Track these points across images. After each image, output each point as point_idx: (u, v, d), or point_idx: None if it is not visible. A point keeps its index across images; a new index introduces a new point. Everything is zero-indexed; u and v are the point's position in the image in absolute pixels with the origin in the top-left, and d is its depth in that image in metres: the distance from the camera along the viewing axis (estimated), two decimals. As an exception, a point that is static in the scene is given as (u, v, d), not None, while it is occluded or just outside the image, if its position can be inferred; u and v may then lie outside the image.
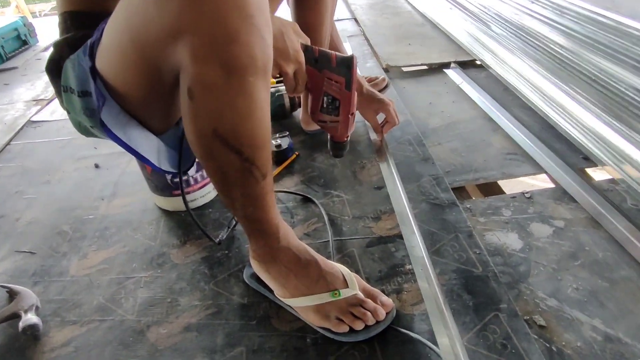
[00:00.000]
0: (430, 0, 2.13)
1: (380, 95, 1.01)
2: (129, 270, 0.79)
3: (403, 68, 1.49)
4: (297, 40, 0.70)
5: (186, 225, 0.88)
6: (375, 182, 0.94)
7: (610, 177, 0.90)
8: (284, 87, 1.20)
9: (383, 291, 0.70)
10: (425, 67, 1.49)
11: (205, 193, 0.91)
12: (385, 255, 0.77)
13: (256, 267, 0.68)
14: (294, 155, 1.04)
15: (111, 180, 1.05)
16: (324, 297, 0.62)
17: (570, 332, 0.63)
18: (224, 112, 0.46)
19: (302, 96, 1.11)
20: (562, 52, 1.33)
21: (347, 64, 0.73)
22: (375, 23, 1.89)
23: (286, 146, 1.02)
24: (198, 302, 0.71)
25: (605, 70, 1.19)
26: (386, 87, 1.33)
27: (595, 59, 1.26)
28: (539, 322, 0.64)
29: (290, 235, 0.65)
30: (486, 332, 0.62)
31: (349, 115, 0.79)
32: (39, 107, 1.49)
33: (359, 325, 0.61)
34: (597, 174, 0.92)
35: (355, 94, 0.77)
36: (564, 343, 0.61)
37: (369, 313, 0.62)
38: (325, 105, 0.78)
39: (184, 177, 0.85)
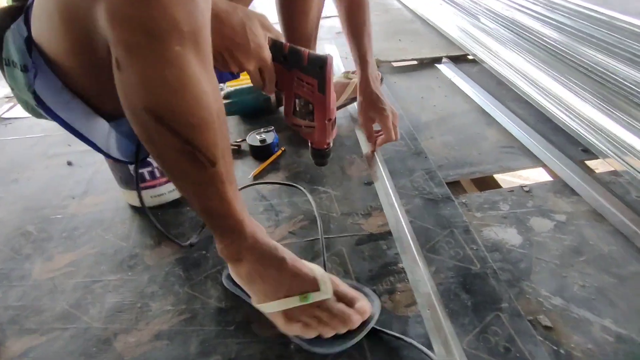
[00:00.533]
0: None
1: (385, 103, 0.87)
2: (97, 273, 0.72)
3: (394, 63, 1.45)
4: (264, 34, 0.63)
5: (161, 224, 0.81)
6: (365, 177, 0.89)
7: (612, 169, 0.86)
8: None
9: (374, 292, 0.64)
10: (416, 62, 1.45)
11: (173, 187, 0.84)
12: (376, 254, 0.71)
13: (229, 268, 0.62)
14: (280, 151, 0.98)
15: (84, 178, 0.98)
16: (292, 302, 0.56)
17: (579, 333, 0.57)
18: (152, 85, 0.40)
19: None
20: (555, 44, 1.29)
21: (320, 63, 0.64)
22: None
23: (271, 141, 0.96)
24: (171, 307, 0.65)
25: (600, 62, 1.16)
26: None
27: (590, 52, 1.23)
28: (544, 323, 0.59)
29: (259, 233, 0.58)
30: (487, 334, 0.57)
31: (326, 122, 0.69)
32: (11, 104, 1.42)
33: (327, 332, 0.55)
34: (598, 166, 0.87)
35: (333, 97, 0.67)
36: (572, 345, 0.56)
37: (337, 320, 0.55)
38: (297, 109, 0.70)
39: (148, 169, 0.79)
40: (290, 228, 0.78)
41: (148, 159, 0.79)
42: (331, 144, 0.75)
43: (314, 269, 0.59)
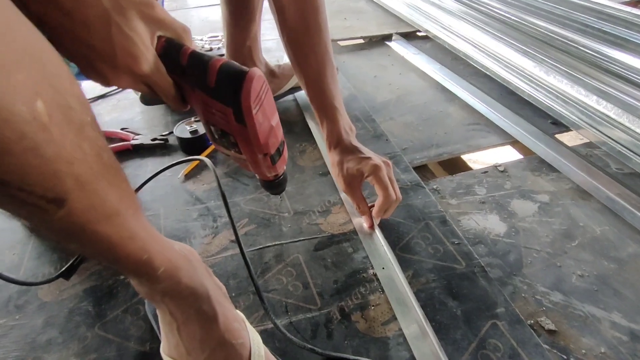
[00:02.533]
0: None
1: (368, 153, 0.62)
2: (-31, 321, 0.53)
3: (340, 42, 1.32)
4: (148, 32, 0.37)
5: (64, 246, 0.63)
6: (320, 167, 0.75)
7: (586, 141, 0.78)
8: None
9: (342, 309, 0.51)
10: (364, 41, 1.33)
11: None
12: (340, 259, 0.58)
13: None
14: (216, 143, 0.81)
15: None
16: None
17: (587, 335, 0.48)
18: None
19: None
20: (508, 16, 1.23)
21: (235, 85, 0.38)
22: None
23: (203, 132, 0.80)
24: (74, 359, 0.48)
25: (554, 32, 1.10)
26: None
27: (543, 24, 1.17)
28: (547, 327, 0.49)
29: (185, 270, 0.38)
30: (486, 350, 0.46)
31: (259, 157, 0.44)
32: None
33: None
34: (570, 140, 0.80)
35: (263, 128, 0.41)
36: (584, 351, 0.46)
37: None
38: (217, 137, 0.45)
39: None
40: (232, 236, 0.63)
41: None
42: (281, 171, 0.50)
43: (253, 341, 0.42)
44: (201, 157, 0.66)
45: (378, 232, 0.60)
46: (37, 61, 0.23)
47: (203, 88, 0.40)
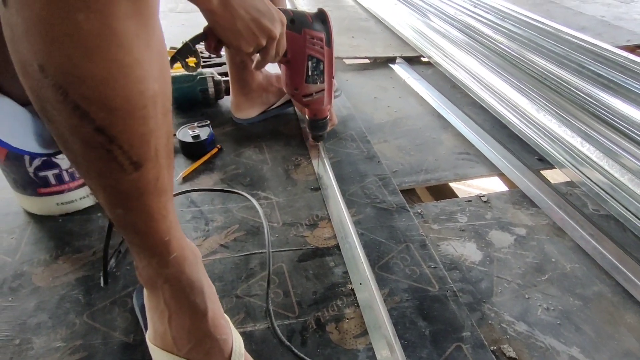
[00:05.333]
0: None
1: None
2: (-36, 299, 0.56)
3: (346, 60, 1.36)
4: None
5: (63, 234, 0.66)
6: (312, 182, 0.79)
7: (567, 179, 0.82)
8: (208, 70, 1.01)
9: (318, 319, 0.54)
10: (369, 61, 1.38)
11: (88, 193, 0.69)
12: (321, 272, 0.61)
13: (145, 291, 0.49)
14: (215, 149, 0.85)
15: (-33, 174, 0.79)
16: None
17: (545, 366, 0.51)
18: (53, 33, 0.26)
19: (230, 80, 0.93)
20: (509, 50, 1.27)
21: (322, 17, 0.71)
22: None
23: (206, 137, 0.83)
24: (61, 344, 0.51)
25: (552, 71, 1.14)
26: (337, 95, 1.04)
27: (541, 61, 1.22)
28: (508, 354, 0.52)
29: (188, 262, 0.43)
30: (448, 371, 0.49)
31: (332, 79, 0.75)
32: None
33: None
34: (554, 177, 0.84)
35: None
36: (539, 380, 0.49)
37: None
38: (310, 73, 0.72)
39: (54, 171, 0.63)
40: (222, 240, 0.66)
41: (55, 159, 0.63)
42: (327, 115, 0.79)
43: (235, 340, 0.46)
44: (244, 193, 0.74)
45: (359, 249, 0.63)
46: (162, 57, 0.32)
47: (307, 25, 0.68)
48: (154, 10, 0.30)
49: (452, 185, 0.85)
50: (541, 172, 0.84)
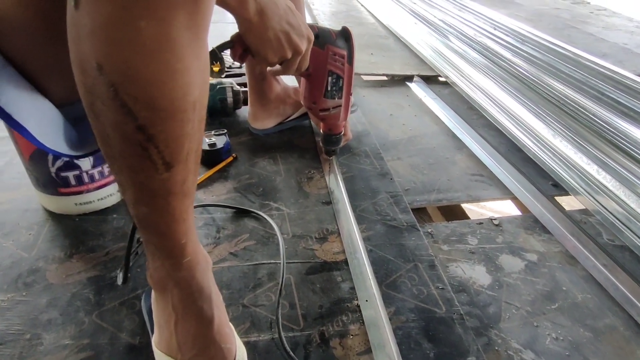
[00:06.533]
0: (395, 13, 2.07)
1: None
2: (-20, 291, 0.58)
3: (363, 77, 1.38)
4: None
5: (78, 233, 0.68)
6: (324, 196, 0.79)
7: (582, 207, 0.81)
8: (228, 80, 1.03)
9: (323, 333, 0.54)
10: (387, 78, 1.39)
11: (105, 195, 0.71)
12: (328, 286, 0.61)
13: (153, 294, 0.50)
14: (230, 158, 0.87)
15: (-9, 170, 0.82)
16: None
17: (551, 397, 0.50)
18: (116, 36, 0.28)
19: (249, 90, 0.95)
20: (527, 74, 1.27)
21: (346, 35, 0.73)
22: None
23: (221, 146, 0.85)
24: (69, 342, 0.52)
25: (569, 96, 1.14)
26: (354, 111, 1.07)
27: (559, 86, 1.21)
28: (513, 382, 0.51)
29: (200, 268, 0.45)
30: (451, 395, 0.48)
31: (350, 95, 0.77)
32: None
33: None
34: (568, 203, 0.83)
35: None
36: (544, 412, 0.48)
37: None
38: (329, 88, 0.74)
39: (75, 172, 0.65)
40: (232, 249, 0.67)
41: (77, 162, 0.65)
42: (342, 131, 0.83)
43: (238, 349, 0.47)
44: (261, 213, 0.73)
45: (367, 266, 0.63)
46: (206, 68, 0.35)
47: (331, 42, 0.71)
48: (207, 24, 0.32)
49: (464, 206, 0.84)
50: (555, 198, 0.83)
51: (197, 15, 0.30)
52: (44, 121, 0.47)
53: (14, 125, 0.46)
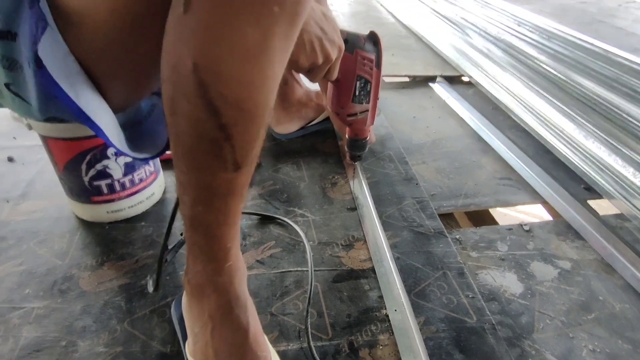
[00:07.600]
0: (415, 12, 2.04)
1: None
2: (18, 298, 0.59)
3: (385, 78, 1.36)
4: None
5: (108, 241, 0.70)
6: (349, 202, 0.79)
7: (617, 211, 0.78)
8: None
9: (352, 343, 0.53)
10: (409, 80, 1.37)
11: (135, 202, 0.72)
12: (356, 295, 0.61)
13: (184, 300, 0.50)
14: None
15: (24, 178, 0.85)
16: None
17: (590, 412, 0.48)
18: (221, 39, 0.30)
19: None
20: (554, 72, 1.23)
21: (374, 39, 0.73)
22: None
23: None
24: (103, 349, 0.53)
25: (601, 95, 1.10)
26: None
27: (589, 84, 1.17)
28: (549, 396, 0.49)
29: (238, 275, 0.45)
30: (485, 409, 0.47)
31: (377, 100, 0.77)
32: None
33: None
34: (602, 208, 0.80)
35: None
36: None
37: None
38: (357, 93, 0.74)
39: (107, 181, 0.67)
40: (259, 256, 0.67)
41: (108, 170, 0.67)
42: (368, 136, 0.82)
43: (273, 358, 0.47)
44: (288, 220, 0.73)
45: (395, 274, 0.62)
46: (277, 78, 0.35)
47: (360, 47, 0.71)
48: (296, 36, 0.34)
49: (492, 211, 0.82)
50: (588, 202, 0.81)
51: (293, 27, 0.32)
52: (111, 124, 0.48)
53: (92, 127, 0.47)
